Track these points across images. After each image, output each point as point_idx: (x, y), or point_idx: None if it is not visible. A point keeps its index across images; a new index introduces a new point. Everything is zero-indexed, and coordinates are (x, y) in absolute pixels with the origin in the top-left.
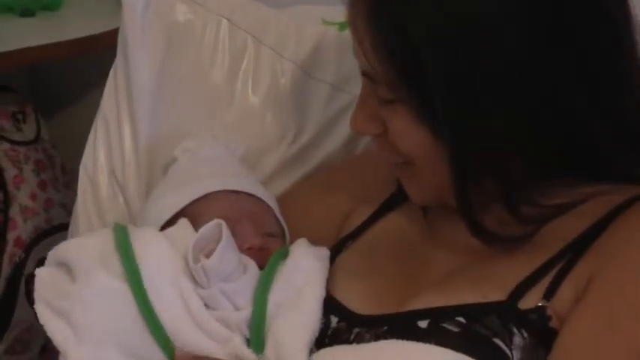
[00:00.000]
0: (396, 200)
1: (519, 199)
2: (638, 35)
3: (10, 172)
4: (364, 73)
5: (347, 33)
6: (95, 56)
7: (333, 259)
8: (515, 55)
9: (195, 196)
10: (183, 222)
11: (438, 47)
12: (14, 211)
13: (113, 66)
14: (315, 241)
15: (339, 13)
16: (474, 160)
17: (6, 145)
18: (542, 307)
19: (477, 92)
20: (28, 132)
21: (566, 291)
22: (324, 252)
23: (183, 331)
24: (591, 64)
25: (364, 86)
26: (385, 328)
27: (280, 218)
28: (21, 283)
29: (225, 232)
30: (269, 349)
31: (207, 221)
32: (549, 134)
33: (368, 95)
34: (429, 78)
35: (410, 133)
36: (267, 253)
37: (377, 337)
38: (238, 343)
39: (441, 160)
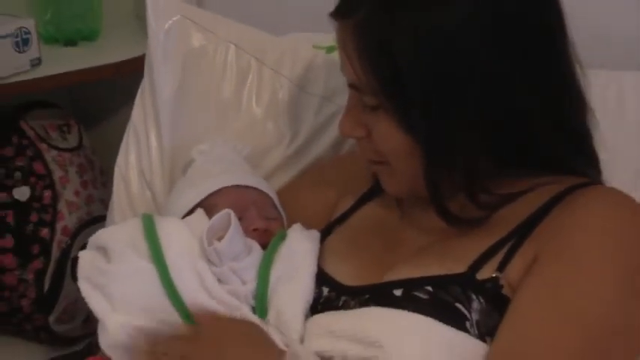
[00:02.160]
0: (374, 192)
1: (478, 189)
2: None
3: (58, 174)
4: (351, 85)
5: (333, 55)
6: (126, 77)
7: (323, 240)
8: (481, 71)
9: (210, 191)
10: (200, 212)
11: (415, 63)
12: (61, 206)
13: (141, 85)
14: (308, 226)
15: (326, 39)
16: (444, 158)
17: (54, 152)
18: (496, 278)
19: (448, 102)
20: (72, 141)
21: (516, 264)
22: (316, 234)
23: (200, 302)
24: (544, 75)
25: (351, 97)
26: (367, 296)
27: (279, 206)
28: (68, 265)
29: (234, 219)
30: (271, 315)
31: (219, 211)
32: (506, 138)
33: (354, 105)
34: (408, 89)
35: (391, 136)
36: (269, 235)
37: (361, 304)
38: (246, 311)
39: (415, 158)
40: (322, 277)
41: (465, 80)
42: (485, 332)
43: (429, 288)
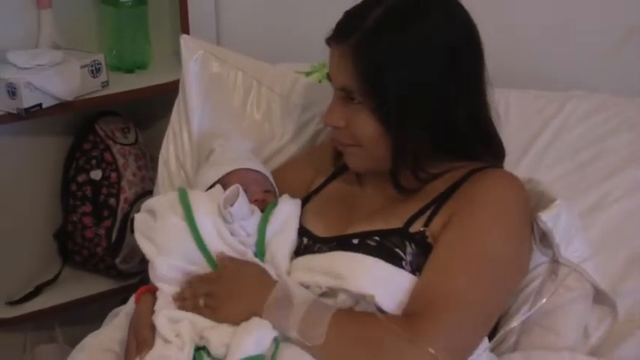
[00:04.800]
0: (340, 171)
1: (419, 167)
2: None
3: (121, 161)
4: (342, 89)
5: (310, 78)
6: (168, 94)
7: (303, 206)
8: (437, 86)
9: (225, 172)
10: (218, 186)
11: (393, 76)
12: (123, 183)
13: (177, 99)
14: (293, 196)
15: (305, 67)
16: (405, 145)
17: (118, 146)
18: (423, 231)
19: (414, 106)
20: (131, 138)
21: (437, 221)
22: (298, 201)
23: (219, 248)
24: (473, 93)
25: (336, 97)
26: (334, 244)
27: (273, 183)
28: (128, 223)
29: (241, 192)
30: (267, 258)
31: (232, 186)
32: (443, 134)
33: (337, 103)
34: (386, 93)
35: (367, 125)
36: (266, 203)
37: (330, 249)
38: (250, 255)
39: (383, 143)
40: (303, 231)
41: (424, 92)
42: (416, 269)
43: (377, 238)
